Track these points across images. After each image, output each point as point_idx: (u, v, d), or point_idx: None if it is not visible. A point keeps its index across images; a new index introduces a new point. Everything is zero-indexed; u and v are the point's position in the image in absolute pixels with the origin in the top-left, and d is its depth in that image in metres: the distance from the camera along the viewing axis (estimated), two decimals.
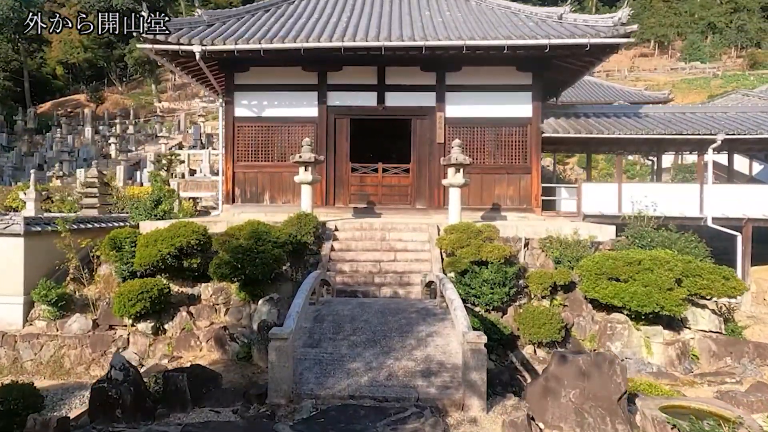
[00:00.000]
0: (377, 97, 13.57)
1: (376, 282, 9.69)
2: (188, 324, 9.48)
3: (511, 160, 13.54)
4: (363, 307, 6.45)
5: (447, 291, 5.64)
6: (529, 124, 13.43)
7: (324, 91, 13.59)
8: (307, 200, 11.29)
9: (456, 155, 10.84)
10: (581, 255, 10.20)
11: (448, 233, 9.96)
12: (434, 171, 13.46)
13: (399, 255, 10.43)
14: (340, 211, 13.47)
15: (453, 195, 10.99)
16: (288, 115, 13.71)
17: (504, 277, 9.03)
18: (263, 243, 9.25)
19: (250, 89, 13.75)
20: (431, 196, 13.52)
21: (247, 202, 13.79)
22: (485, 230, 9.71)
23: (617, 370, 4.98)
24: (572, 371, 4.91)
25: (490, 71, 13.45)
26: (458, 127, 13.48)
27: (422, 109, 13.55)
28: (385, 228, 11.37)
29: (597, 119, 13.81)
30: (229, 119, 13.74)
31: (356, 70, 13.54)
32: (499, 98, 13.48)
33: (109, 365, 5.16)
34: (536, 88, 13.46)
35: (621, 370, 5.02)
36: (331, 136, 13.64)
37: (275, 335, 4.83)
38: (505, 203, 13.48)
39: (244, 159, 13.82)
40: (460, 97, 13.51)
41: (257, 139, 13.78)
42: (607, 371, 4.93)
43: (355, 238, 11.09)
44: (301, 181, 11.23)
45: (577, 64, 13.27)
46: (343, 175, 13.75)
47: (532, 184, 13.36)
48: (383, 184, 13.75)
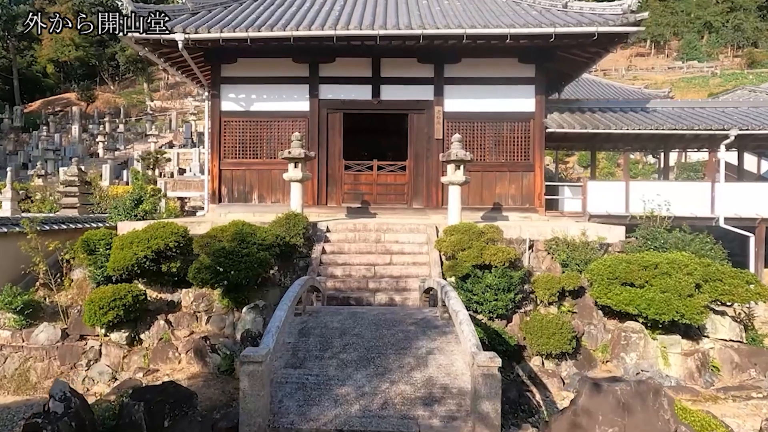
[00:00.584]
0: (372, 90, 12.85)
1: (370, 287, 8.97)
2: (166, 334, 8.72)
3: (513, 157, 12.85)
4: (355, 318, 5.74)
5: (450, 301, 4.95)
6: (532, 119, 12.75)
7: (316, 84, 12.86)
8: (296, 199, 10.56)
9: (456, 151, 10.14)
10: (590, 258, 9.53)
11: (448, 235, 9.25)
12: (432, 168, 12.76)
13: (395, 258, 9.72)
14: (332, 211, 12.74)
15: (453, 194, 10.29)
16: (278, 109, 12.98)
17: (509, 283, 8.33)
18: (248, 245, 8.51)
19: (237, 82, 13.00)
20: (429, 195, 12.82)
21: (234, 202, 13.04)
22: (488, 231, 9.01)
23: (664, 403, 4.18)
24: (608, 404, 4.10)
25: (491, 63, 12.76)
26: (457, 122, 12.78)
27: (419, 103, 12.84)
28: (381, 229, 10.65)
29: (603, 114, 13.14)
30: (216, 114, 12.99)
31: (350, 62, 12.82)
32: (500, 92, 12.80)
33: (48, 394, 4.38)
34: (539, 80, 12.78)
35: (669, 403, 4.20)
36: (323, 132, 12.91)
37: (248, 358, 4.05)
38: (506, 202, 12.79)
39: (232, 156, 13.07)
40: (459, 90, 12.81)
41: (245, 134, 13.03)
42: (653, 404, 4.13)
43: (348, 240, 10.37)
44: (291, 179, 10.50)
45: (582, 55, 12.59)
46: (335, 173, 13.02)
47: (535, 183, 12.68)
48: (378, 182, 13.04)
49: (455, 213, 10.26)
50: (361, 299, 8.59)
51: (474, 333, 4.20)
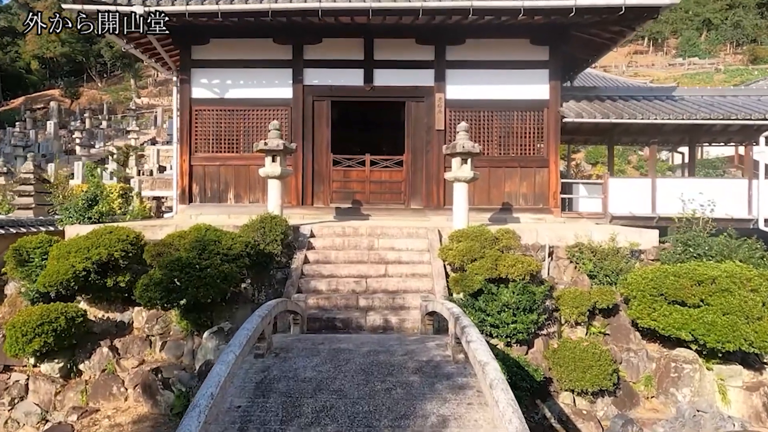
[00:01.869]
0: (364, 75, 11.29)
1: (360, 305, 7.40)
2: (111, 363, 7.11)
3: (524, 151, 11.33)
4: (337, 360, 4.18)
5: (472, 346, 3.39)
6: (546, 107, 11.23)
7: (300, 68, 11.28)
8: (274, 199, 8.98)
9: (462, 142, 8.60)
10: (621, 267, 8.03)
11: (454, 241, 7.70)
12: (433, 164, 11.22)
13: (391, 269, 8.16)
14: (319, 213, 11.16)
15: (458, 192, 8.74)
16: (257, 96, 11.38)
17: (530, 301, 6.79)
18: (210, 256, 6.92)
19: (210, 65, 11.39)
20: (429, 193, 11.27)
21: (207, 202, 11.43)
22: (503, 237, 7.47)
23: None
24: None
25: (500, 44, 11.24)
26: (461, 111, 11.25)
27: (418, 89, 11.29)
28: (374, 233, 9.09)
29: (625, 102, 11.65)
30: (185, 101, 11.37)
31: (339, 43, 11.25)
32: (509, 77, 11.28)
33: None
34: (554, 64, 11.27)
35: None
36: (308, 122, 11.33)
37: None
38: (517, 202, 11.26)
39: (204, 150, 11.46)
40: (463, 75, 11.28)
41: (219, 125, 11.43)
42: None
43: (335, 247, 8.81)
44: (267, 175, 8.92)
45: (602, 36, 11.09)
46: (323, 169, 11.44)
47: (550, 180, 11.16)
48: (371, 179, 11.47)
49: (462, 215, 8.72)
50: (349, 321, 7.02)
51: (515, 407, 2.64)
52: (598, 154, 21.28)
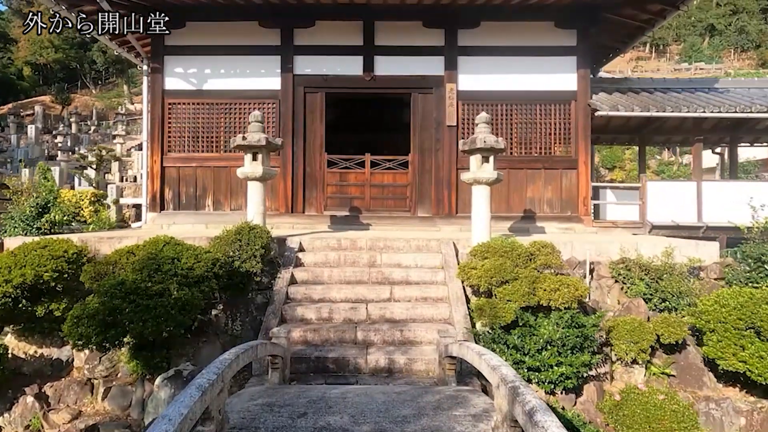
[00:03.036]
0: (363, 63, 9.80)
1: (358, 339, 5.82)
2: (36, 418, 5.49)
3: (548, 150, 9.82)
4: None
5: None
6: (574, 100, 9.74)
7: (290, 55, 9.79)
8: (255, 205, 7.42)
9: (483, 136, 7.06)
10: (682, 289, 6.48)
11: (477, 258, 6.14)
12: (443, 165, 9.70)
13: (397, 291, 6.59)
14: (311, 222, 9.60)
15: (479, 198, 7.19)
16: (239, 87, 9.87)
17: (581, 336, 5.22)
18: (164, 278, 5.34)
19: (186, 52, 9.90)
20: (439, 199, 9.72)
21: (182, 209, 9.87)
22: (540, 253, 5.91)
23: None
24: None
25: (520, 28, 9.77)
26: (475, 105, 9.74)
27: (426, 79, 9.80)
28: (375, 246, 7.55)
29: (663, 95, 10.15)
30: (157, 93, 9.85)
31: (334, 27, 9.78)
32: (531, 65, 9.79)
33: None
34: (583, 51, 9.78)
35: None
36: (299, 117, 9.81)
37: None
38: (541, 209, 9.72)
39: (178, 149, 9.93)
40: (477, 63, 9.79)
41: (196, 121, 9.91)
42: None
43: (329, 263, 7.24)
44: (247, 176, 7.37)
45: (638, 17, 9.63)
46: (316, 172, 9.90)
47: (579, 183, 9.63)
48: (372, 183, 9.93)
49: (483, 225, 7.16)
50: (344, 362, 5.43)
51: None
52: (614, 158, 19.81)
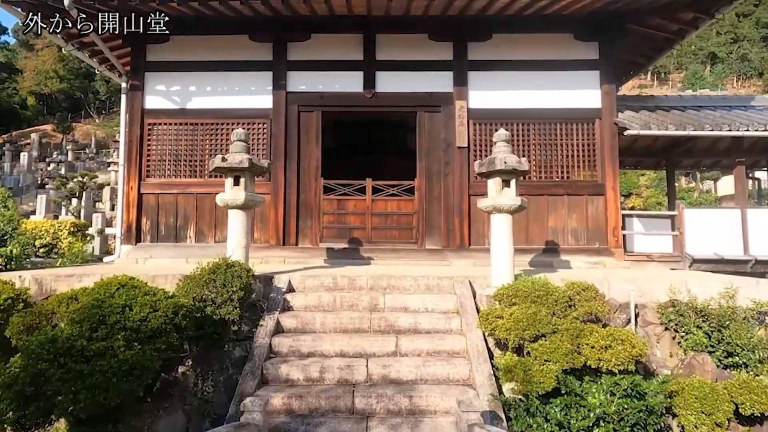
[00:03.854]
0: (364, 79, 8.88)
1: (356, 408, 4.62)
2: None
3: (571, 174, 8.78)
4: None
5: None
6: (598, 118, 8.75)
7: (283, 71, 8.89)
8: (237, 237, 6.33)
9: (503, 156, 6.02)
10: (752, 341, 5.31)
11: (503, 303, 5.00)
12: (453, 191, 8.65)
13: (404, 342, 5.42)
14: (305, 255, 8.50)
15: (499, 228, 6.09)
16: (227, 106, 8.94)
17: (644, 410, 4.02)
18: (110, 333, 4.21)
19: (170, 68, 9.01)
20: (450, 230, 8.62)
21: (160, 241, 8.78)
22: (581, 297, 4.79)
23: None
24: None
25: (536, 41, 8.88)
26: (488, 124, 8.77)
27: (433, 96, 8.85)
28: (378, 286, 6.42)
29: (697, 112, 9.17)
30: (136, 113, 8.92)
31: (332, 40, 8.91)
32: (549, 80, 8.85)
33: None
34: (606, 64, 8.85)
35: None
36: (292, 139, 8.83)
37: None
38: (565, 240, 8.60)
39: (158, 174, 8.92)
40: (490, 78, 8.87)
41: (178, 143, 8.94)
42: None
43: (322, 307, 6.10)
44: (227, 204, 6.30)
45: (666, 28, 8.75)
46: (311, 199, 8.85)
47: (608, 211, 8.54)
48: (374, 211, 8.86)
49: (504, 261, 6.03)
50: None
51: None
52: (630, 184, 18.78)
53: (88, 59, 9.64)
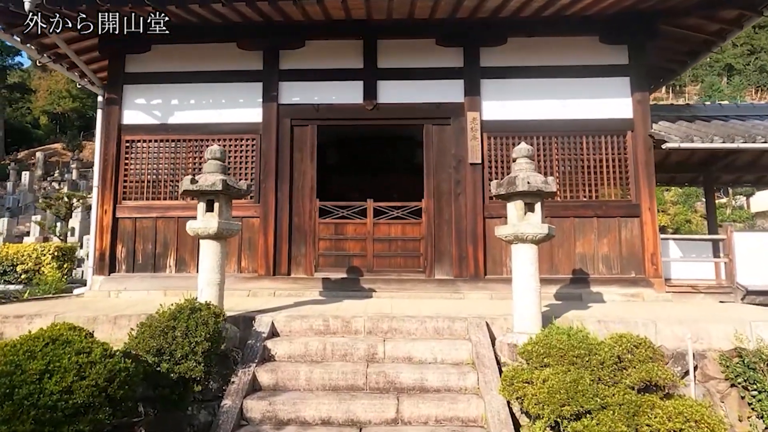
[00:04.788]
0: (364, 89, 7.96)
1: None
2: None
3: (600, 193, 7.71)
4: None
5: None
6: (631, 130, 7.71)
7: (274, 81, 8.01)
8: (209, 273, 5.33)
9: (526, 175, 5.01)
10: None
11: (533, 362, 3.94)
12: (466, 212, 7.62)
13: (407, 406, 4.35)
14: (298, 287, 7.49)
15: (522, 261, 5.03)
16: (213, 120, 8.06)
17: None
18: (16, 412, 3.20)
19: (150, 80, 8.19)
20: (462, 257, 7.57)
21: (136, 271, 7.85)
22: (635, 358, 3.73)
23: None
24: None
25: (556, 44, 7.92)
26: (505, 138, 7.78)
27: (441, 107, 7.89)
28: (377, 329, 5.39)
29: (742, 122, 8.09)
30: (112, 129, 8.07)
31: (329, 47, 8.04)
32: (572, 88, 7.86)
33: None
34: (637, 70, 7.84)
35: None
36: (284, 155, 7.91)
37: None
38: (595, 269, 7.50)
39: (135, 196, 8.03)
40: (505, 87, 7.90)
41: (158, 161, 8.06)
42: None
43: (309, 356, 5.07)
44: (199, 233, 5.32)
45: (705, 29, 7.72)
46: (305, 223, 7.87)
47: (644, 235, 7.43)
48: (376, 237, 7.85)
49: (529, 300, 4.95)
50: None
51: None
52: None
53: (66, 72, 8.88)
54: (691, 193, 18.11)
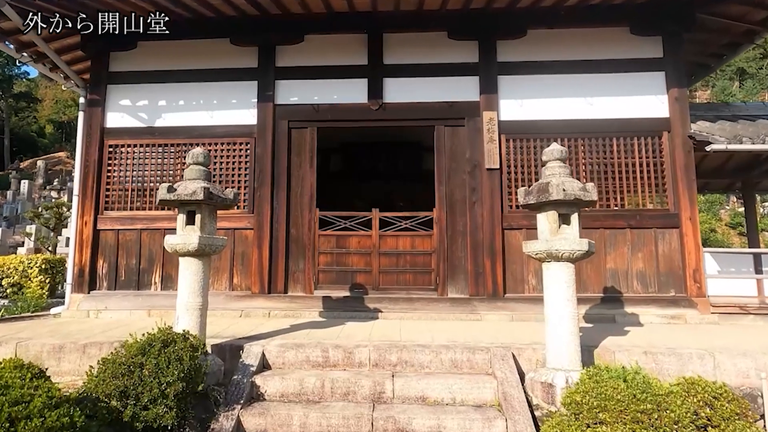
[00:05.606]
0: (368, 87, 7.23)
1: None
2: None
3: (633, 201, 6.91)
4: None
5: None
6: (667, 130, 6.91)
7: (270, 80, 7.30)
8: (188, 296, 4.57)
9: (560, 181, 4.24)
10: None
11: (582, 418, 3.12)
12: (482, 223, 6.83)
13: None
14: (296, 306, 6.72)
15: (555, 283, 4.24)
16: (203, 123, 7.35)
17: None
18: None
19: (136, 80, 7.51)
20: (479, 273, 6.77)
21: (119, 288, 7.11)
22: (717, 414, 2.91)
23: None
24: None
25: (581, 36, 7.16)
26: (525, 140, 7.01)
27: (454, 107, 7.14)
28: (384, 361, 4.61)
29: None
30: (94, 133, 7.39)
31: (330, 41, 7.33)
32: (600, 85, 7.08)
33: None
34: (673, 64, 7.05)
35: None
36: (281, 161, 7.18)
37: None
38: (629, 287, 6.67)
39: (119, 206, 7.32)
40: (525, 84, 7.13)
41: (144, 168, 7.35)
42: None
43: (305, 395, 4.29)
44: (177, 250, 4.57)
45: (748, 18, 6.92)
46: (303, 235, 7.12)
47: (685, 249, 6.60)
48: (383, 250, 7.07)
49: (565, 332, 4.15)
50: None
51: None
52: None
53: (49, 73, 8.20)
54: (714, 201, 17.22)
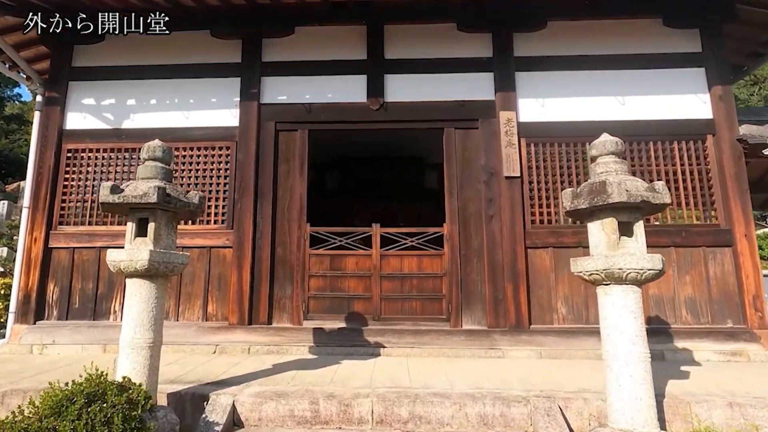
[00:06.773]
0: (368, 84, 6.31)
1: None
2: None
3: (676, 215, 5.95)
4: None
5: None
6: (711, 134, 6.01)
7: (255, 76, 6.37)
8: (135, 329, 3.48)
9: (620, 180, 3.26)
10: None
11: None
12: (501, 240, 5.82)
13: None
14: (281, 340, 5.62)
15: (618, 311, 3.21)
16: (177, 125, 6.38)
17: None
18: None
19: (102, 75, 6.56)
20: (498, 300, 5.72)
21: (72, 318, 5.98)
22: None
23: None
24: None
25: (608, 28, 6.33)
26: (547, 145, 6.08)
27: (466, 107, 6.21)
28: (392, 415, 3.52)
29: None
30: (51, 135, 6.39)
31: (324, 33, 6.45)
32: (632, 82, 6.21)
33: None
34: (715, 60, 6.20)
35: None
36: (266, 168, 6.18)
37: None
38: (677, 317, 5.63)
39: (76, 220, 6.26)
40: (546, 81, 6.25)
41: (109, 176, 6.32)
42: None
43: None
44: (121, 269, 3.51)
45: None
46: (291, 254, 6.06)
47: (742, 271, 5.60)
48: (385, 273, 6.02)
49: (634, 380, 3.10)
50: None
51: None
52: None
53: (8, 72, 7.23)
54: None
